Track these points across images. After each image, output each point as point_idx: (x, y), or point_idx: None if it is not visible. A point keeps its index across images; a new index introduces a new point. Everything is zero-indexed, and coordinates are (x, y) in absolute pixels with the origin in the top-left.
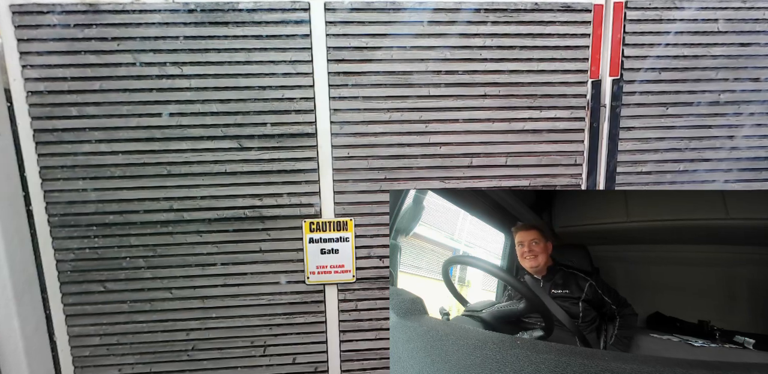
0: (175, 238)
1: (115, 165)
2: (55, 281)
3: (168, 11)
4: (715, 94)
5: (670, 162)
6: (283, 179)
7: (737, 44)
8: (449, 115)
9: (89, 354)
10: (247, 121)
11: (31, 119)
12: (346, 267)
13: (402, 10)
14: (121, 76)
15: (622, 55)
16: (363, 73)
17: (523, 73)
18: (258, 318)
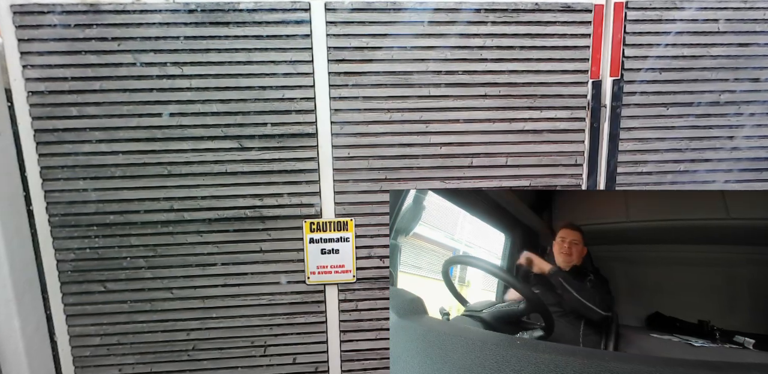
0: (176, 238)
1: (116, 165)
2: (55, 281)
3: (168, 11)
4: (716, 95)
5: (670, 162)
6: (284, 179)
7: (737, 44)
8: (450, 115)
9: (90, 354)
10: (248, 121)
11: (31, 119)
12: (347, 267)
13: (402, 11)
14: (122, 76)
15: (623, 55)
16: (363, 73)
17: (524, 73)
18: (258, 318)
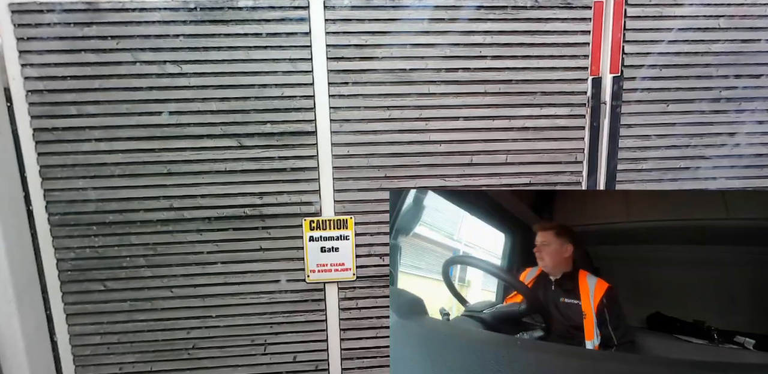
0: (176, 237)
1: (115, 164)
2: (55, 280)
3: (168, 10)
4: (717, 92)
5: (671, 159)
6: (283, 177)
7: (738, 41)
8: (449, 112)
9: (90, 353)
10: (247, 119)
11: (30, 118)
12: (347, 266)
13: (402, 8)
14: (121, 75)
15: (623, 52)
16: (363, 70)
17: (524, 70)
18: (258, 316)
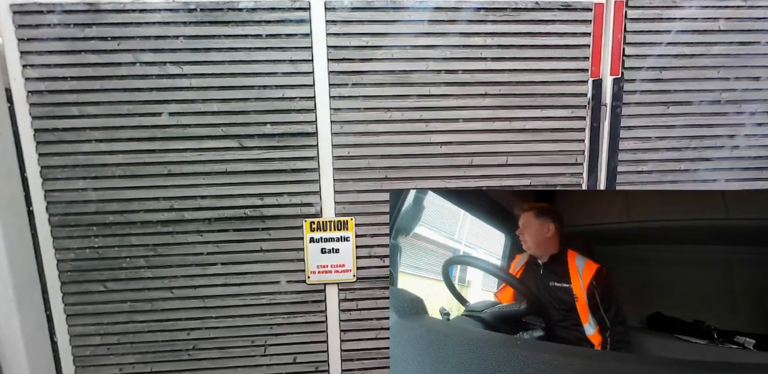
0: (176, 238)
1: (116, 164)
2: (55, 281)
3: (168, 11)
4: (716, 93)
5: (671, 161)
6: (284, 178)
7: (738, 43)
8: (450, 114)
9: (90, 353)
10: (248, 120)
11: (31, 119)
12: (347, 267)
13: (402, 10)
14: (122, 76)
15: (623, 54)
16: (363, 72)
17: (524, 72)
18: (258, 317)
